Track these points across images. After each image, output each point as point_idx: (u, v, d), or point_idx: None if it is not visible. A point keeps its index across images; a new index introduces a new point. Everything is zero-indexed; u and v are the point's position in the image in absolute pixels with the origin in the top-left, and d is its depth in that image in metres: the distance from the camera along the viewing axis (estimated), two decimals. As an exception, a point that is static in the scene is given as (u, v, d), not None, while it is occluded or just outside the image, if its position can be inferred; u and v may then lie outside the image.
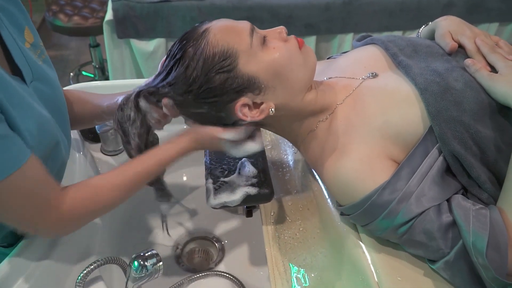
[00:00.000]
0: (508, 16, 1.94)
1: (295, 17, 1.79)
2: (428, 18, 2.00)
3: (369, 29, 1.89)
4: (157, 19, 1.75)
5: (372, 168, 0.65)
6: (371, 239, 0.71)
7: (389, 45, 0.76)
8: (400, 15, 1.86)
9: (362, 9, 1.83)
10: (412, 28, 1.92)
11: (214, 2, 1.75)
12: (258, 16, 1.77)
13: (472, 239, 0.58)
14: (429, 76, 0.68)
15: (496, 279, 0.57)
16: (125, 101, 0.72)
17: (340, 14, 1.82)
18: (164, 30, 1.78)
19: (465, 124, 0.63)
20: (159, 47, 1.82)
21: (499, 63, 0.67)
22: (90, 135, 1.09)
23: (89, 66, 2.59)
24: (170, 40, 1.84)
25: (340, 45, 1.94)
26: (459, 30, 0.75)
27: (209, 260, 1.00)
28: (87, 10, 2.13)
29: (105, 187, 0.67)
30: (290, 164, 0.95)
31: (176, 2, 1.74)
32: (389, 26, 1.90)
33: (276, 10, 1.77)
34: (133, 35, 1.78)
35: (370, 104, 0.70)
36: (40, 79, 0.68)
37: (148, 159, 0.70)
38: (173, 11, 1.74)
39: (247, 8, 1.76)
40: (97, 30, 2.03)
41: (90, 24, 2.05)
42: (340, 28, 1.87)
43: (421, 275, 0.65)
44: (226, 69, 0.65)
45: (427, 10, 1.86)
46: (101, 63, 2.41)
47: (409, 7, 1.85)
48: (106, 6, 2.15)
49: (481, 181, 0.64)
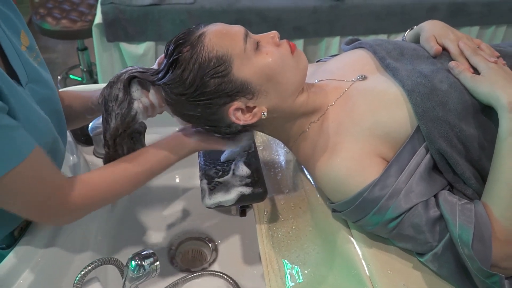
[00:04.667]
0: (488, 19, 2.01)
1: (284, 20, 1.83)
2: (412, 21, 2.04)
3: (356, 32, 1.93)
4: (147, 22, 1.76)
5: (363, 165, 0.68)
6: (362, 234, 0.73)
7: (377, 48, 0.79)
8: (386, 19, 1.91)
9: (349, 13, 1.87)
10: (397, 31, 1.97)
11: (203, 5, 1.77)
12: (247, 19, 1.79)
13: (459, 232, 0.61)
14: (415, 78, 0.71)
15: (481, 269, 0.60)
16: (116, 80, 0.72)
17: (328, 18, 1.86)
18: (154, 33, 1.79)
19: (450, 124, 0.67)
20: (149, 50, 1.83)
21: (481, 65, 0.70)
22: (82, 138, 1.09)
23: (77, 69, 2.58)
24: (160, 43, 1.85)
25: (328, 48, 1.97)
26: (443, 33, 0.78)
27: (202, 260, 1.02)
28: (75, 13, 2.12)
29: (112, 180, 0.69)
30: (282, 164, 0.97)
31: (165, 6, 1.75)
32: (375, 29, 1.94)
33: (265, 13, 1.80)
34: (122, 38, 1.79)
35: (360, 105, 0.73)
36: (36, 81, 0.69)
37: (159, 158, 0.73)
38: (163, 14, 1.75)
39: (236, 11, 1.78)
40: (86, 33, 2.03)
41: (78, 27, 2.04)
42: (328, 31, 1.91)
43: (410, 268, 0.68)
44: (220, 74, 0.67)
45: (411, 14, 1.91)
46: (89, 67, 2.40)
47: (394, 11, 1.90)
48: (94, 9, 2.15)
49: (466, 178, 0.67)
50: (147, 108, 0.74)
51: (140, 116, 0.73)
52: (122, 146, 0.73)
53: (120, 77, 0.72)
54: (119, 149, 0.73)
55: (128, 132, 0.73)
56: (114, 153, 0.74)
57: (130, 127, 0.73)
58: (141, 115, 0.73)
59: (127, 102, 0.71)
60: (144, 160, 0.72)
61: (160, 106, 0.74)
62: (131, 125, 0.73)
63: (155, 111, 0.76)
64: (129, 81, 0.72)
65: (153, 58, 1.86)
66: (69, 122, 0.82)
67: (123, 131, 0.72)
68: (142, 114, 0.74)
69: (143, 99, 0.73)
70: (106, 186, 0.69)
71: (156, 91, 0.73)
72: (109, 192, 0.70)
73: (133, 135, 0.75)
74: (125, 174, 0.71)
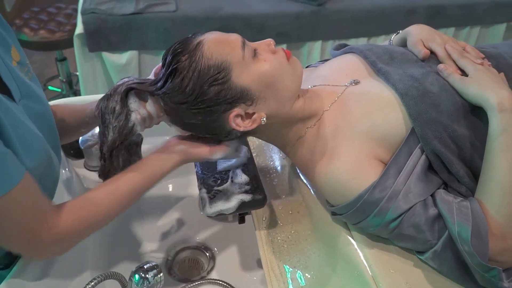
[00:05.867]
0: (464, 20, 2.08)
1: (267, 26, 1.84)
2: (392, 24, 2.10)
3: (337, 36, 1.96)
4: (129, 31, 1.74)
5: (362, 168, 0.70)
6: (362, 236, 0.75)
7: (367, 53, 0.81)
8: (366, 22, 1.95)
9: (331, 18, 1.90)
10: (378, 34, 2.01)
11: (186, 13, 1.77)
12: (231, 26, 1.80)
13: (458, 230, 0.63)
14: (407, 81, 0.73)
15: (480, 264, 0.62)
16: (112, 92, 0.72)
17: (310, 23, 1.89)
18: (137, 42, 1.78)
19: (444, 124, 0.69)
20: (132, 59, 1.81)
21: (469, 67, 0.73)
22: (72, 152, 1.08)
23: (56, 80, 2.54)
24: (144, 52, 1.83)
25: (310, 52, 2.00)
26: (429, 37, 0.81)
27: (199, 269, 1.02)
28: (53, 23, 2.08)
29: (99, 205, 0.67)
30: (278, 169, 0.98)
31: (148, 14, 1.74)
32: (356, 33, 1.98)
33: (249, 19, 1.81)
34: (105, 48, 1.77)
35: (356, 109, 0.74)
36: (29, 96, 0.68)
37: (142, 175, 0.70)
38: (146, 22, 1.74)
39: (220, 18, 1.79)
40: (66, 43, 2.00)
41: (57, 37, 2.01)
42: (310, 36, 1.93)
43: (411, 266, 0.70)
44: (220, 81, 0.68)
45: (391, 17, 1.96)
46: (68, 77, 2.36)
47: (375, 15, 1.94)
48: (73, 19, 2.12)
49: (460, 176, 0.69)
50: (145, 119, 0.74)
51: (137, 128, 0.73)
52: (118, 158, 0.73)
53: (117, 89, 0.72)
54: (115, 161, 0.73)
55: (125, 144, 0.73)
56: (109, 165, 0.73)
57: (127, 139, 0.73)
58: (138, 126, 0.73)
59: (125, 114, 0.71)
60: (128, 180, 0.70)
61: (158, 116, 0.74)
62: (129, 137, 0.72)
63: (153, 121, 0.76)
64: (126, 93, 0.72)
65: (137, 67, 1.85)
66: (61, 137, 0.81)
67: (120, 143, 0.72)
68: (139, 125, 0.73)
69: (141, 110, 0.73)
70: (93, 210, 0.66)
71: (154, 101, 0.73)
72: (96, 217, 0.67)
73: (130, 146, 0.74)
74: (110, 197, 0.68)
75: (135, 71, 1.84)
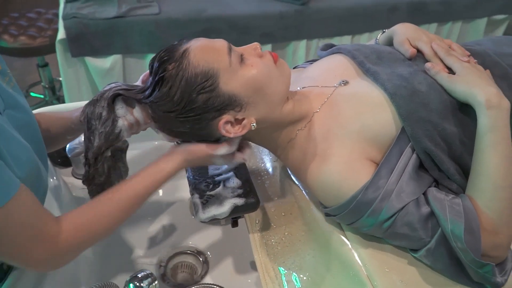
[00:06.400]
0: (445, 16, 2.11)
1: (252, 27, 1.84)
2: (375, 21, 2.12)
3: (321, 35, 1.97)
4: (113, 35, 1.72)
5: (354, 169, 0.70)
6: (356, 236, 0.75)
7: (355, 53, 0.82)
8: (349, 21, 1.96)
9: (314, 17, 1.90)
10: (361, 32, 2.03)
11: (170, 15, 1.76)
12: (216, 28, 1.79)
13: (451, 227, 0.64)
14: (396, 81, 0.74)
15: (474, 260, 0.63)
16: (99, 97, 0.71)
17: (294, 22, 1.89)
18: (120, 46, 1.76)
19: (433, 123, 0.70)
20: (116, 64, 1.79)
21: (456, 65, 0.74)
22: (59, 160, 1.06)
23: (38, 86, 2.49)
24: (128, 56, 1.81)
25: (295, 51, 2.00)
26: (416, 36, 0.82)
27: (193, 274, 1.01)
28: (34, 29, 2.04)
29: (100, 214, 0.66)
30: (269, 171, 0.98)
31: (131, 17, 1.72)
32: (340, 31, 1.99)
33: (233, 21, 1.81)
34: (88, 53, 1.74)
35: (346, 110, 0.75)
36: (13, 106, 0.66)
37: (143, 179, 0.69)
38: (130, 26, 1.72)
39: (204, 20, 1.78)
40: (47, 49, 1.97)
41: (38, 43, 1.97)
42: (294, 35, 1.94)
43: (406, 264, 0.71)
44: (208, 89, 0.67)
45: (373, 14, 1.98)
46: (51, 83, 2.32)
47: (357, 13, 1.95)
48: (53, 24, 2.08)
49: (450, 173, 0.70)
50: (132, 126, 0.73)
51: (124, 134, 0.73)
52: (103, 164, 0.72)
53: (104, 94, 0.71)
54: (100, 167, 0.72)
55: (111, 151, 0.72)
56: (94, 172, 0.72)
57: (113, 145, 0.72)
58: (125, 132, 0.73)
59: (111, 120, 0.71)
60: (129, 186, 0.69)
61: (145, 123, 0.74)
62: (115, 143, 0.72)
63: (140, 128, 0.75)
64: (113, 98, 0.71)
65: (121, 71, 1.82)
66: (47, 146, 0.79)
67: (106, 149, 0.71)
68: (126, 131, 0.73)
69: (128, 117, 0.72)
70: (94, 221, 0.65)
71: (141, 107, 0.72)
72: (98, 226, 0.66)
73: (115, 153, 0.74)
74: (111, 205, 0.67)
75: (119, 75, 1.82)
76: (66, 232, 0.61)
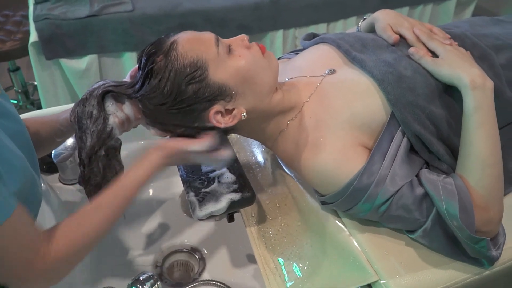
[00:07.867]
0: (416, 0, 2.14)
1: (228, 20, 1.82)
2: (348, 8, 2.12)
3: (298, 24, 1.97)
4: (86, 35, 1.68)
5: (348, 156, 0.71)
6: (352, 221, 0.77)
7: (340, 42, 0.82)
8: (324, 9, 1.97)
9: (289, 6, 1.90)
10: (336, 19, 2.04)
11: (145, 11, 1.72)
12: (191, 22, 1.77)
13: (445, 206, 0.66)
14: (382, 67, 0.75)
15: (470, 236, 0.66)
16: (88, 96, 0.70)
17: (269, 13, 1.88)
18: (95, 45, 1.71)
19: (421, 107, 0.71)
20: (92, 64, 1.75)
21: (439, 48, 0.76)
22: (44, 167, 1.03)
23: (10, 91, 2.41)
24: (103, 55, 1.77)
25: (272, 42, 2.00)
26: (397, 22, 0.83)
27: (189, 272, 1.01)
28: (2, 32, 1.97)
29: (87, 221, 0.65)
30: (260, 163, 0.98)
31: (104, 16, 1.68)
32: (316, 20, 2.00)
33: (209, 14, 1.79)
34: (62, 54, 1.69)
35: (335, 99, 0.75)
36: (4, 115, 0.65)
37: (123, 178, 0.68)
38: (103, 25, 1.68)
39: (179, 15, 1.75)
40: (18, 53, 1.89)
41: (9, 47, 1.89)
42: (271, 26, 1.93)
43: (404, 246, 0.73)
44: (197, 79, 0.67)
45: (347, 1, 1.99)
46: (24, 87, 2.25)
47: (331, 1, 1.96)
48: (23, 27, 2.01)
49: (440, 155, 0.72)
50: (123, 122, 0.72)
51: (116, 131, 0.72)
52: (98, 163, 0.71)
53: (93, 92, 0.70)
54: (95, 167, 0.71)
55: (104, 149, 0.71)
56: (89, 172, 0.72)
57: (106, 144, 0.71)
58: (117, 130, 0.72)
59: (102, 118, 0.70)
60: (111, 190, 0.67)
61: (136, 118, 0.73)
62: (107, 141, 0.71)
63: (131, 124, 0.74)
64: (102, 96, 0.70)
65: (98, 71, 1.78)
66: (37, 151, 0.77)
67: (99, 148, 0.70)
68: (118, 129, 0.72)
69: (119, 113, 0.72)
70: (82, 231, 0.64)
71: (131, 103, 0.72)
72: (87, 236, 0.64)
73: (109, 151, 0.73)
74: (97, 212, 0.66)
75: (96, 75, 1.78)
76: (56, 246, 0.60)
